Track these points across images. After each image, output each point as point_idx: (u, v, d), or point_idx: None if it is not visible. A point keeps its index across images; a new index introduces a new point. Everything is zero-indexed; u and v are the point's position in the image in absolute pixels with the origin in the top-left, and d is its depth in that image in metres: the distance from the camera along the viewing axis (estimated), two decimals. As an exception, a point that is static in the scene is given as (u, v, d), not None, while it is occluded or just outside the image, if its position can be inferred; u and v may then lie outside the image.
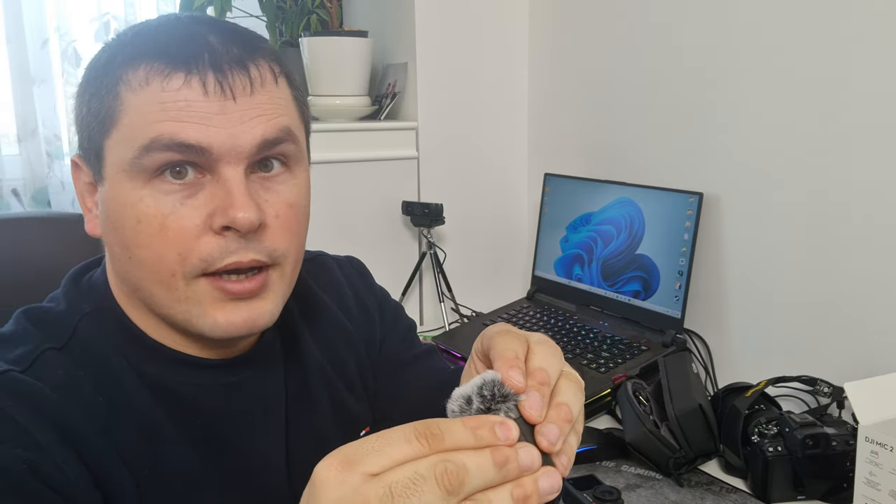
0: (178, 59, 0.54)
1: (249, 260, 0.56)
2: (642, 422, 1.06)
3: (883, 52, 1.10)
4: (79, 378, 0.57)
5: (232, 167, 0.55)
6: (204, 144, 0.54)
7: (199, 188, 0.56)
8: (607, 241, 1.54)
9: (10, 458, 0.49)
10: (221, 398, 0.64)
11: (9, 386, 0.53)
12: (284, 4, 1.81)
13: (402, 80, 1.74)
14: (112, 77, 0.56)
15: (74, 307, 0.61)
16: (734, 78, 1.33)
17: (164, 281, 0.56)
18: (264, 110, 0.57)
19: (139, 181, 0.55)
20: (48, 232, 1.04)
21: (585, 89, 1.68)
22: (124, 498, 0.56)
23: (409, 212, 1.68)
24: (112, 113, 0.56)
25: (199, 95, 0.54)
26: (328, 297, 0.79)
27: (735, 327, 1.37)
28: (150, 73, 0.55)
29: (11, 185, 1.88)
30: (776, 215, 1.28)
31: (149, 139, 0.54)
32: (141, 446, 0.58)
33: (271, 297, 0.60)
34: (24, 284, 0.97)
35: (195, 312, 0.57)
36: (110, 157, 0.57)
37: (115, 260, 0.60)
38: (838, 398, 1.11)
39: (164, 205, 0.55)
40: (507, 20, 1.80)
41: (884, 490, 0.84)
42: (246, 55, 0.57)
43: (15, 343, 0.58)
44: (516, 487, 0.38)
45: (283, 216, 0.59)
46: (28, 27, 1.83)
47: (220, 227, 0.55)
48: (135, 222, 0.55)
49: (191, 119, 0.54)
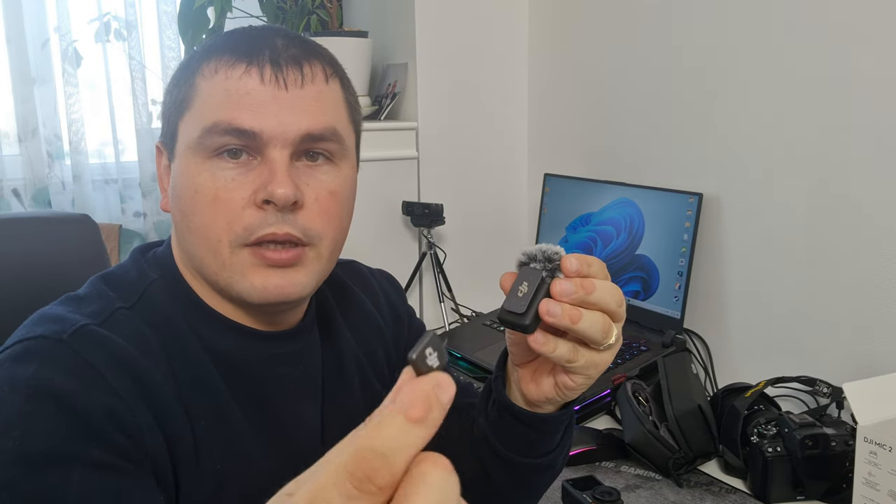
0: (243, 53, 0.63)
1: (284, 233, 0.63)
2: (642, 422, 1.06)
3: (883, 52, 1.10)
4: (147, 334, 0.63)
5: (278, 150, 0.63)
6: (256, 129, 0.62)
7: (249, 168, 0.63)
8: (607, 242, 1.55)
9: (90, 402, 0.55)
10: (267, 365, 0.69)
11: (88, 337, 0.59)
12: (284, 5, 1.81)
13: (402, 80, 1.74)
14: (191, 69, 0.65)
15: (143, 274, 0.68)
16: (734, 78, 1.34)
17: (213, 247, 0.63)
18: (311, 105, 0.64)
19: (201, 157, 0.63)
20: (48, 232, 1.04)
21: (585, 90, 1.69)
22: (182, 445, 0.61)
23: (409, 212, 1.68)
24: (187, 98, 0.65)
25: (257, 84, 0.62)
26: (362, 293, 0.84)
27: (734, 328, 1.37)
28: (219, 64, 0.63)
29: (12, 185, 1.89)
30: (776, 216, 1.28)
31: (211, 122, 0.62)
32: (199, 400, 0.63)
33: (305, 271, 0.65)
34: (24, 284, 0.97)
35: (236, 278, 0.64)
36: (182, 137, 0.65)
37: (177, 229, 0.67)
38: (837, 398, 1.11)
39: (219, 179, 0.62)
40: (507, 20, 1.80)
41: (883, 490, 0.84)
42: (302, 55, 0.65)
43: (89, 302, 0.64)
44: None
45: (322, 200, 0.65)
46: (28, 27, 1.83)
47: (261, 200, 0.62)
48: (193, 192, 0.63)
49: (248, 106, 0.62)
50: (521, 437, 0.66)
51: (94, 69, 1.96)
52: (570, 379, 0.59)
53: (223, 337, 0.67)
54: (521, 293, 0.53)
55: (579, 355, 0.56)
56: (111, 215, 1.99)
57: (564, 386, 0.60)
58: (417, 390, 0.29)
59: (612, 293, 0.55)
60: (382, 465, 0.27)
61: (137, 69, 1.97)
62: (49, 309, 0.63)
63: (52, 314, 0.61)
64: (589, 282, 0.53)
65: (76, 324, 0.60)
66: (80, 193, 1.93)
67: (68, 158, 1.92)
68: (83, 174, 1.93)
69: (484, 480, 0.69)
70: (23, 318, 0.64)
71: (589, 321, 0.54)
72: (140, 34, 1.98)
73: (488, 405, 0.68)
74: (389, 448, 0.27)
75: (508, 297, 0.54)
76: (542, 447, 0.67)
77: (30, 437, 0.52)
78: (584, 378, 0.59)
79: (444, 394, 0.29)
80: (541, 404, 0.63)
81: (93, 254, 1.04)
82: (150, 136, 1.99)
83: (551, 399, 0.62)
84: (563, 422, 0.66)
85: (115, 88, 1.97)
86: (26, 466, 0.51)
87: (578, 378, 0.59)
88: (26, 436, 0.52)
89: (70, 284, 0.71)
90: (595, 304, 0.54)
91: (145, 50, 1.99)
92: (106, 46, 1.94)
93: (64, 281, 0.86)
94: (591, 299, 0.53)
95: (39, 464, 0.51)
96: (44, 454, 0.51)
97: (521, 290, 0.54)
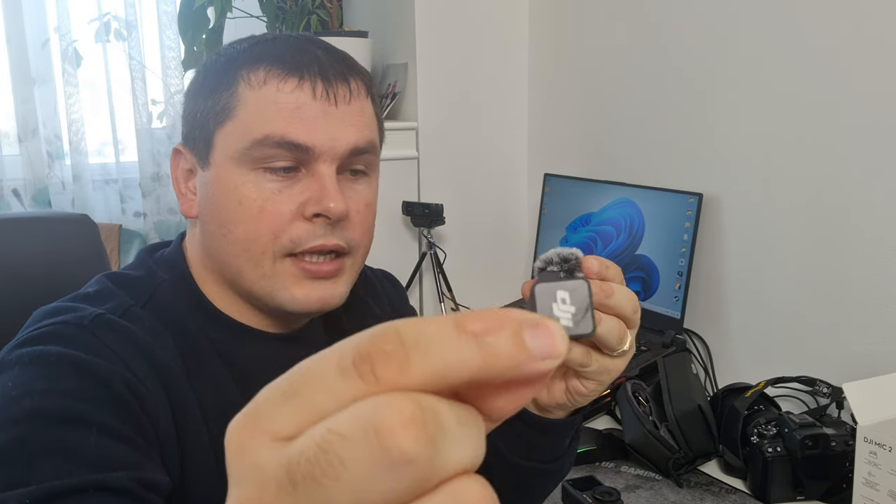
0: (293, 65, 0.63)
1: (333, 244, 0.65)
2: (642, 422, 1.06)
3: (883, 53, 1.10)
4: (162, 332, 0.64)
5: (327, 165, 0.64)
6: (308, 144, 0.63)
7: (296, 181, 0.64)
8: (607, 242, 1.55)
9: (110, 372, 0.56)
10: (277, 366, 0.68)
11: (106, 324, 0.60)
12: (284, 5, 1.81)
13: (402, 80, 1.74)
14: (232, 76, 0.64)
15: (152, 274, 0.68)
16: (734, 78, 1.33)
17: (255, 258, 0.64)
18: (357, 120, 0.66)
19: (245, 168, 0.63)
20: (48, 232, 1.04)
21: (585, 89, 1.68)
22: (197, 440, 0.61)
23: (409, 212, 1.68)
24: (228, 107, 0.64)
25: (309, 98, 0.63)
26: (364, 293, 0.84)
27: (734, 328, 1.37)
28: (268, 75, 0.63)
29: (12, 185, 1.88)
30: (776, 216, 1.28)
31: (262, 134, 0.62)
32: (212, 398, 0.64)
33: (343, 281, 0.67)
34: (23, 284, 0.97)
35: (277, 288, 0.65)
36: (220, 145, 0.65)
37: (209, 237, 0.67)
38: (837, 398, 1.11)
39: (265, 191, 0.63)
40: (507, 20, 1.80)
41: (882, 490, 0.84)
42: (346, 70, 0.66)
43: (103, 299, 0.64)
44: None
45: (361, 213, 0.68)
46: (28, 27, 1.83)
47: (311, 214, 0.63)
48: (236, 204, 0.63)
49: (300, 120, 0.63)
50: (530, 441, 0.66)
51: (94, 69, 1.96)
52: (582, 385, 0.59)
53: (233, 339, 0.68)
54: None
55: (592, 360, 0.56)
56: (111, 215, 1.99)
57: (576, 392, 0.60)
58: (493, 310, 0.20)
59: (628, 298, 0.55)
60: (393, 353, 0.19)
61: (137, 69, 1.97)
62: (60, 303, 0.63)
63: (66, 306, 0.62)
64: (608, 285, 0.53)
65: (95, 312, 0.61)
66: (80, 193, 1.93)
67: (68, 158, 1.92)
68: (83, 174, 1.93)
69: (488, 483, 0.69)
70: (22, 317, 0.64)
71: (606, 326, 0.53)
72: (140, 34, 1.97)
73: None
74: (413, 340, 0.19)
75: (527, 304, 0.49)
76: (551, 452, 0.67)
77: (49, 395, 0.53)
78: (596, 384, 0.59)
79: (535, 337, 0.20)
80: (551, 410, 0.63)
81: (92, 254, 1.04)
82: (150, 136, 1.99)
83: (562, 405, 0.62)
84: (571, 427, 0.66)
85: (115, 88, 1.97)
86: (45, 420, 0.52)
87: (590, 384, 0.59)
88: (45, 394, 0.53)
89: (70, 284, 0.71)
90: (612, 309, 0.54)
91: (145, 50, 1.99)
92: (106, 46, 1.94)
93: (64, 281, 0.86)
94: (609, 303, 0.53)
95: (55, 420, 0.52)
96: (62, 410, 0.53)
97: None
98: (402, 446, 0.18)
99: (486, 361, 0.20)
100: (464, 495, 0.19)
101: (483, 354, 0.20)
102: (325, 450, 0.19)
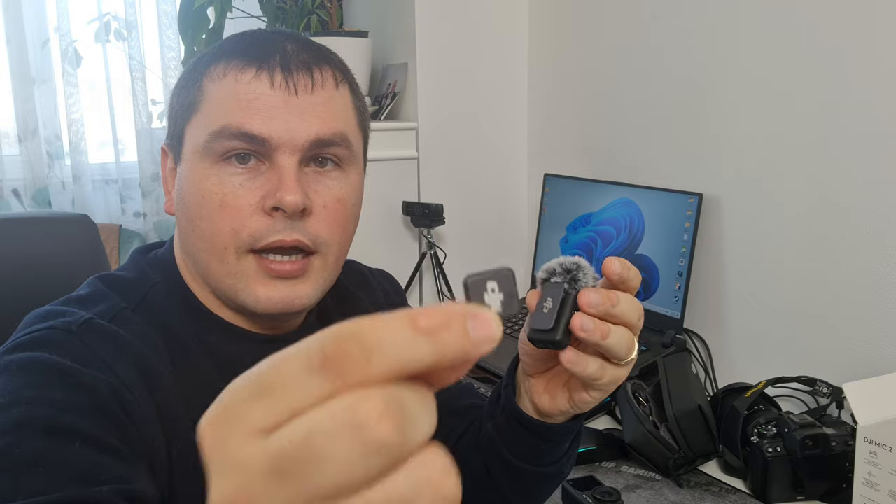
0: (253, 57, 0.63)
1: (293, 240, 0.62)
2: (642, 422, 1.06)
3: (883, 53, 1.10)
4: (152, 335, 0.63)
5: (287, 156, 0.62)
6: (265, 135, 0.61)
7: (257, 173, 0.63)
8: (607, 242, 1.54)
9: (96, 380, 0.55)
10: None
11: (96, 330, 0.60)
12: (284, 5, 1.81)
13: (402, 81, 1.74)
14: (198, 72, 0.65)
15: (145, 276, 0.68)
16: (734, 78, 1.34)
17: (219, 254, 0.63)
18: (322, 111, 0.64)
19: (208, 162, 0.63)
20: (48, 232, 1.04)
21: (585, 90, 1.68)
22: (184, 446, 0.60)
23: (409, 212, 1.68)
24: (194, 102, 0.64)
25: (267, 88, 0.62)
26: (361, 293, 0.83)
27: (734, 328, 1.37)
28: (228, 68, 0.63)
29: (11, 185, 1.89)
30: (776, 216, 1.28)
31: (220, 126, 0.62)
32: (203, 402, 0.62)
33: (311, 281, 0.65)
34: (24, 284, 0.97)
35: (240, 286, 0.64)
36: (188, 140, 0.65)
37: (182, 233, 0.66)
38: (837, 398, 1.11)
39: (227, 184, 0.62)
40: (507, 21, 1.80)
41: (883, 490, 0.84)
42: (313, 60, 0.65)
43: (93, 302, 0.63)
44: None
45: (330, 208, 0.65)
46: (28, 27, 1.83)
47: (269, 207, 0.62)
48: (199, 198, 0.63)
49: (257, 111, 0.61)
50: (531, 445, 0.66)
51: (94, 69, 1.96)
52: (587, 394, 0.59)
53: (225, 342, 0.67)
54: (545, 309, 0.52)
55: (605, 372, 0.55)
56: (111, 215, 1.99)
57: (581, 400, 0.60)
58: (440, 306, 0.22)
59: (633, 306, 0.54)
60: (356, 356, 0.21)
61: (137, 69, 1.97)
62: (51, 307, 0.63)
63: (56, 310, 0.62)
64: (614, 294, 0.53)
65: (84, 317, 0.60)
66: (80, 193, 1.93)
67: (68, 158, 1.93)
68: (83, 174, 1.93)
69: (488, 484, 0.69)
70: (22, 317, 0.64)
71: (617, 336, 0.53)
72: (140, 34, 1.98)
73: (497, 411, 0.68)
74: (373, 342, 0.21)
75: (533, 315, 0.53)
76: (551, 455, 0.67)
77: (33, 406, 0.52)
78: (601, 393, 0.59)
79: (476, 327, 0.22)
80: (553, 415, 0.63)
81: (92, 254, 1.04)
82: (149, 136, 1.99)
83: (564, 411, 0.62)
84: (572, 432, 0.66)
85: (115, 88, 1.97)
86: (29, 431, 0.51)
87: (596, 393, 0.59)
88: (30, 404, 0.52)
89: (70, 284, 0.71)
90: (618, 317, 0.53)
91: (145, 50, 1.99)
92: (106, 46, 1.95)
93: (64, 281, 0.85)
94: (614, 311, 0.53)
95: (41, 430, 0.52)
96: (47, 420, 0.52)
97: (545, 307, 0.52)
98: (380, 437, 0.21)
99: (438, 354, 0.22)
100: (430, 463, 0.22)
101: (435, 349, 0.22)
102: (309, 445, 0.21)
